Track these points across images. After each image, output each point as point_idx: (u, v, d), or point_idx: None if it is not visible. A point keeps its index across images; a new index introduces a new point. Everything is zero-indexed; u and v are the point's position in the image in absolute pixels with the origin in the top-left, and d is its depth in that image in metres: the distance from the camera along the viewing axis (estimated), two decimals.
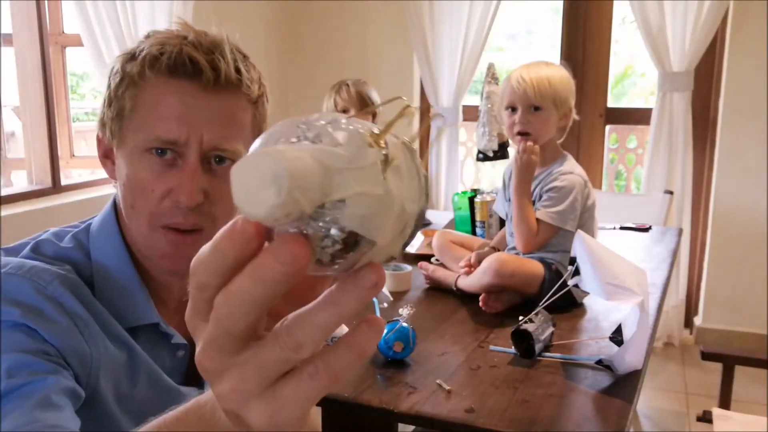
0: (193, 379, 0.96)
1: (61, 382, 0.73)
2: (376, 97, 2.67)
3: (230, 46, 0.85)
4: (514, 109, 1.74)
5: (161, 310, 0.91)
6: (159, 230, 0.85)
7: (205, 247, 0.36)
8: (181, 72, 0.82)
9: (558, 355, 1.38)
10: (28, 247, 0.87)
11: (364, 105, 2.62)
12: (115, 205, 0.92)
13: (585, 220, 1.73)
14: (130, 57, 0.85)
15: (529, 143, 1.70)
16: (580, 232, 1.45)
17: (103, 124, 0.89)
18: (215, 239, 0.36)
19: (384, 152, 0.36)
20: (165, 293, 0.93)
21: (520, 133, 1.72)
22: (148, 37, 0.86)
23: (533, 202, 1.72)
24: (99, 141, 0.92)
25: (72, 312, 0.79)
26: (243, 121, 0.87)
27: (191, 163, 0.83)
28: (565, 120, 1.76)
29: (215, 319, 0.36)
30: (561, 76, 1.74)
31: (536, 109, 1.71)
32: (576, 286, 1.44)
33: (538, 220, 1.68)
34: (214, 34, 0.85)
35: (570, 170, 1.73)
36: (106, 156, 0.91)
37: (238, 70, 0.84)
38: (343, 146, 0.35)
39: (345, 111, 2.62)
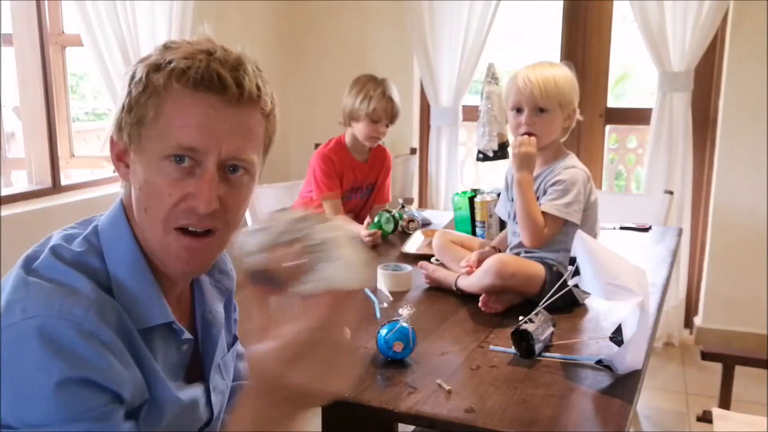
0: (193, 372, 1.00)
1: None
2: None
3: (252, 64, 0.90)
4: (519, 110, 1.74)
5: None
6: (172, 233, 0.89)
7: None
8: (207, 86, 0.86)
9: (558, 355, 1.38)
10: (48, 251, 0.86)
11: (393, 120, 2.49)
12: (122, 206, 0.94)
13: (588, 217, 1.73)
14: (155, 68, 0.87)
15: (525, 136, 1.70)
16: (580, 232, 1.45)
17: (119, 128, 0.90)
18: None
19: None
20: (168, 289, 0.96)
21: (525, 134, 1.72)
22: (168, 48, 0.89)
23: (537, 198, 1.72)
24: (113, 143, 0.93)
25: (109, 343, 0.80)
26: (258, 134, 0.92)
27: (209, 171, 0.87)
28: (569, 120, 1.76)
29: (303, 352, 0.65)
30: (566, 76, 1.74)
31: (542, 110, 1.71)
32: (576, 286, 1.44)
33: (544, 213, 1.68)
34: (238, 51, 0.90)
35: (573, 165, 1.73)
36: (119, 158, 0.93)
37: (258, 87, 0.89)
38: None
39: (377, 121, 2.45)
